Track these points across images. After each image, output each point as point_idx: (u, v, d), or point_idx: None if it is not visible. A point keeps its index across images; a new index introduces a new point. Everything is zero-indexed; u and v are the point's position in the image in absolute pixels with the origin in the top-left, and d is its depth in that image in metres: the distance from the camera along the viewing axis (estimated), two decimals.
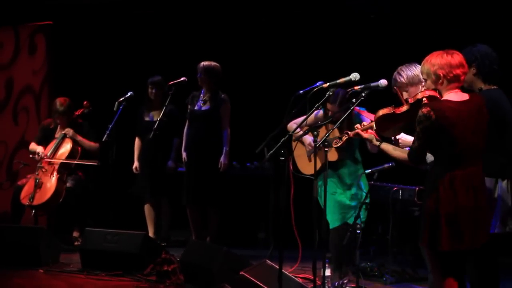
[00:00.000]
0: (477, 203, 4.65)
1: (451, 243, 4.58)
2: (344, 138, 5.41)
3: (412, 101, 4.87)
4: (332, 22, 9.62)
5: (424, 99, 4.75)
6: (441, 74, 4.69)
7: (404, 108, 4.93)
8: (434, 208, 4.61)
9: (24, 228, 8.08)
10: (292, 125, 6.80)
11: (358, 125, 5.33)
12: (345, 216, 6.85)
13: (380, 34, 9.29)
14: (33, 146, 9.01)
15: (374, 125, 5.10)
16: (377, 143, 5.07)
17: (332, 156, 6.75)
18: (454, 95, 4.70)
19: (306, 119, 6.15)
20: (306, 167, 7.00)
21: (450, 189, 4.59)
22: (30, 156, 8.93)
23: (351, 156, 6.93)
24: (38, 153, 8.82)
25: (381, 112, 5.03)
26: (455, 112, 4.60)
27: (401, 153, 4.92)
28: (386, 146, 5.03)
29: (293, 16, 9.81)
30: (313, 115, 6.44)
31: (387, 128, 5.10)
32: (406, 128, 5.19)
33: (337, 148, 6.51)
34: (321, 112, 6.92)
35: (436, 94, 4.77)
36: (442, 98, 4.72)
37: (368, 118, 6.56)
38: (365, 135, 5.20)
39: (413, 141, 4.75)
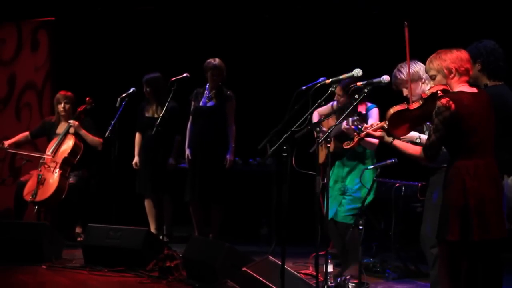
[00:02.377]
0: (499, 193, 4.69)
1: (480, 233, 4.57)
2: (356, 139, 5.37)
3: (426, 96, 4.82)
4: (334, 18, 9.62)
5: (439, 92, 4.72)
6: (453, 68, 4.72)
7: (418, 103, 4.87)
8: (462, 199, 4.58)
9: (26, 224, 8.09)
10: (316, 114, 6.89)
11: (367, 125, 5.28)
12: (335, 212, 6.91)
13: (382, 30, 9.28)
14: (18, 136, 9.06)
15: (386, 124, 4.99)
16: (390, 139, 5.00)
17: (330, 147, 6.78)
18: (466, 88, 4.74)
19: (310, 112, 6.19)
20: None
21: (475, 179, 4.59)
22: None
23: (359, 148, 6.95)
24: (3, 143, 8.87)
25: (394, 109, 4.91)
26: (472, 102, 4.62)
27: (415, 150, 4.87)
28: (399, 143, 4.96)
29: (295, 12, 9.81)
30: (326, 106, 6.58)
31: (400, 126, 4.98)
32: (418, 125, 5.17)
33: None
34: (335, 103, 6.98)
35: (448, 88, 4.76)
36: (456, 90, 4.73)
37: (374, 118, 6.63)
38: (376, 133, 5.15)
39: (429, 136, 4.71)
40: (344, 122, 6.21)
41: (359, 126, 5.43)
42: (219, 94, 8.44)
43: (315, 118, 6.97)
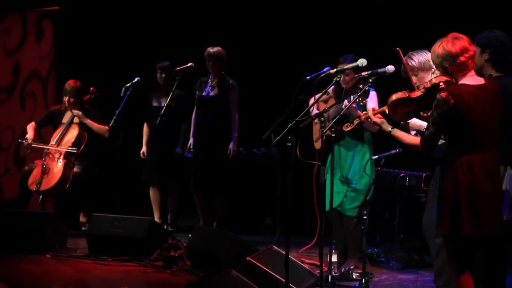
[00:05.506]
0: (496, 188, 4.65)
1: (473, 228, 4.55)
2: (356, 122, 5.38)
3: (428, 86, 4.82)
4: (339, 8, 9.60)
5: (441, 83, 4.71)
6: (447, 66, 4.68)
7: (419, 92, 4.89)
8: (454, 193, 4.57)
9: (31, 213, 8.10)
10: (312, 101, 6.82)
11: (370, 109, 5.29)
12: (341, 204, 6.89)
13: (387, 20, 9.26)
14: (28, 127, 9.04)
15: (387, 109, 5.04)
16: (389, 128, 5.02)
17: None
18: (470, 79, 4.68)
19: (314, 103, 6.18)
20: (318, 142, 7.03)
21: (469, 174, 4.56)
22: (19, 140, 8.98)
23: (357, 135, 6.90)
24: (26, 139, 8.85)
25: (395, 96, 4.98)
26: (473, 96, 4.57)
27: (413, 140, 4.88)
28: (397, 133, 4.97)
29: (300, 1, 9.79)
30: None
31: (400, 113, 5.03)
32: (418, 113, 5.18)
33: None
34: (331, 88, 6.94)
35: (451, 79, 4.74)
36: (459, 83, 4.69)
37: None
38: (376, 119, 5.16)
39: (427, 127, 4.71)
40: (346, 101, 6.20)
41: (361, 103, 5.44)
42: (222, 83, 8.43)
43: (314, 107, 6.89)
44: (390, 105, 5.01)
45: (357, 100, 5.63)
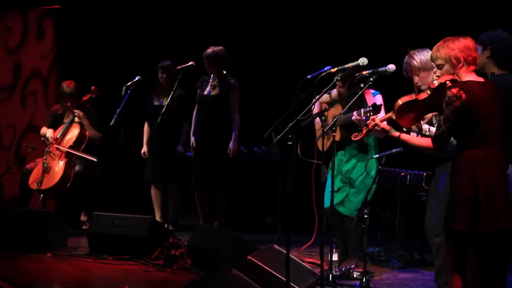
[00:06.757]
0: (505, 183, 4.67)
1: (490, 223, 4.55)
2: (364, 131, 5.35)
3: (434, 86, 4.80)
4: (340, 7, 9.60)
5: (448, 82, 4.70)
6: (462, 58, 4.67)
7: (426, 94, 4.85)
8: (472, 189, 4.56)
9: (32, 212, 8.09)
10: (317, 104, 6.81)
11: (375, 116, 5.25)
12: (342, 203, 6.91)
13: (388, 19, 9.26)
14: (43, 130, 9.03)
15: (394, 115, 4.98)
16: (397, 134, 4.98)
17: (336, 136, 6.76)
18: (474, 77, 4.70)
19: (315, 102, 6.18)
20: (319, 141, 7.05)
21: (485, 168, 4.56)
22: (42, 139, 8.97)
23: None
24: (47, 138, 8.85)
25: (402, 100, 4.88)
26: (482, 91, 4.60)
27: (423, 141, 4.87)
28: (406, 137, 4.95)
29: (301, 1, 9.79)
30: (326, 94, 6.52)
31: (408, 117, 4.97)
32: (424, 115, 5.16)
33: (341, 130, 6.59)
34: (335, 91, 6.94)
35: (456, 78, 4.73)
36: (464, 80, 4.69)
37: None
38: (384, 126, 5.12)
39: (438, 126, 4.68)
40: (355, 113, 6.18)
41: (369, 115, 5.43)
42: (223, 83, 8.42)
43: (316, 107, 6.91)
44: (398, 110, 4.92)
45: (368, 115, 5.62)
